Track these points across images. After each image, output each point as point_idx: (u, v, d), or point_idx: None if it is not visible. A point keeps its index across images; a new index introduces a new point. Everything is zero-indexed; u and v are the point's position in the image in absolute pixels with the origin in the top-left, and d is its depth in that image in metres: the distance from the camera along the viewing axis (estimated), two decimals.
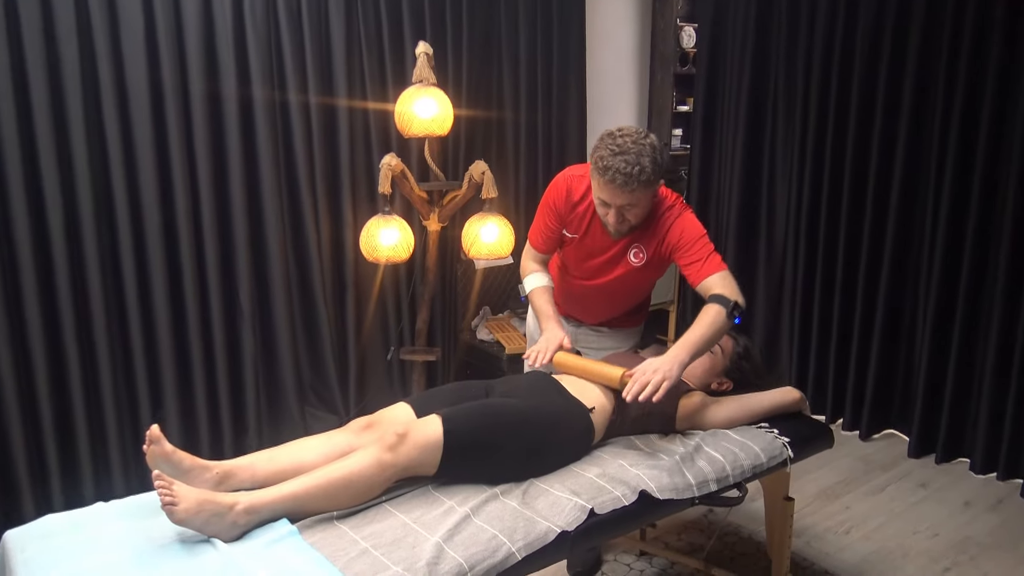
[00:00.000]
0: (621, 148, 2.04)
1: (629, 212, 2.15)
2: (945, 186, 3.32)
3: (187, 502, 1.59)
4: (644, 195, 2.11)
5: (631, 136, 2.06)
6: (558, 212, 2.33)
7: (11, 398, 2.72)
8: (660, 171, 2.09)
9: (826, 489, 3.25)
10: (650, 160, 2.05)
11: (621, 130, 2.09)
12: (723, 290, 2.09)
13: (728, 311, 2.05)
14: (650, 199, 2.17)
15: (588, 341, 2.58)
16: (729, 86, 4.14)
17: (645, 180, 2.05)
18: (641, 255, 2.28)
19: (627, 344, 2.56)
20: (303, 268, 3.45)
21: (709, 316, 2.05)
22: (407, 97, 3.04)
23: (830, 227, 3.77)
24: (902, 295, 3.59)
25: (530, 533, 1.69)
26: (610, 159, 2.04)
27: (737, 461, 2.05)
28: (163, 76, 2.94)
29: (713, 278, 2.13)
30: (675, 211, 2.24)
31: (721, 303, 2.06)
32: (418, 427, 1.82)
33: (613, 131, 2.10)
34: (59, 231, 2.77)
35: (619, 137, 2.07)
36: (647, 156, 2.04)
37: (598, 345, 2.56)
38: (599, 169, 2.08)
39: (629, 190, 2.06)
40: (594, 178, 2.13)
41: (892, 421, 3.75)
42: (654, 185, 2.12)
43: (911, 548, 2.84)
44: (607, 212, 2.16)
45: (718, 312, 2.05)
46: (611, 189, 2.08)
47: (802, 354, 3.97)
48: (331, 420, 3.50)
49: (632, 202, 2.11)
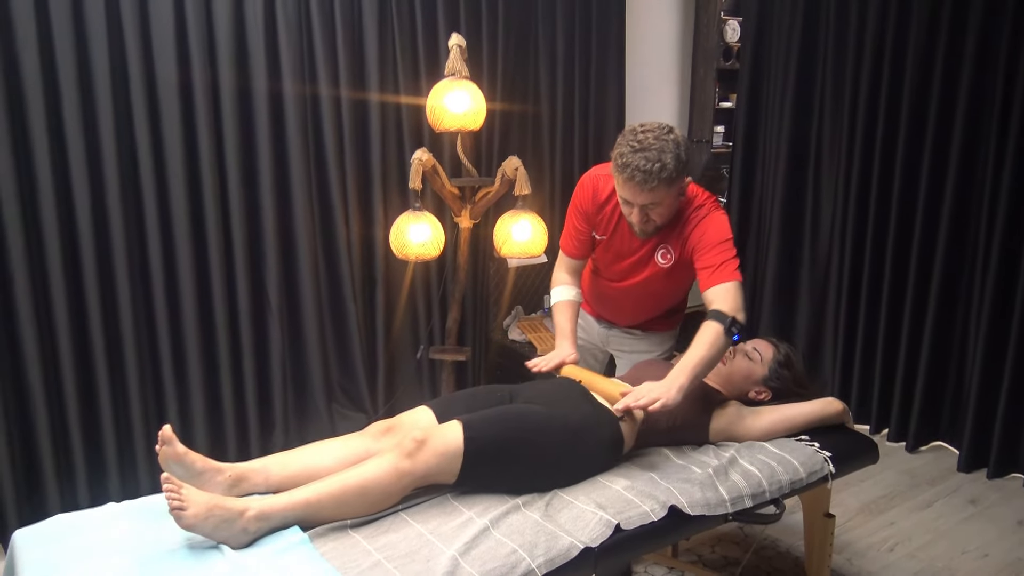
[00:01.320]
0: (642, 144, 1.95)
1: (653, 211, 2.06)
2: (1002, 190, 3.15)
3: (196, 507, 1.54)
4: (667, 193, 2.01)
5: (653, 132, 1.97)
6: (586, 214, 2.25)
7: (38, 393, 2.71)
8: (684, 168, 2.00)
9: (870, 503, 3.11)
10: (673, 157, 1.95)
11: (643, 126, 2.00)
12: (723, 304, 1.97)
13: (726, 328, 1.94)
14: (674, 197, 2.07)
15: (621, 344, 2.49)
16: (774, 82, 4.00)
17: (667, 178, 1.96)
18: (669, 256, 2.18)
19: (661, 348, 2.46)
20: (332, 264, 3.40)
21: (707, 336, 1.93)
22: (439, 90, 2.97)
23: (878, 230, 3.62)
24: (954, 301, 3.43)
25: (552, 548, 1.61)
26: (630, 156, 1.95)
27: (774, 476, 1.94)
28: (193, 71, 2.90)
29: (717, 289, 2.01)
30: (703, 211, 2.14)
31: (718, 320, 1.95)
32: (438, 433, 1.74)
33: (635, 127, 2.01)
34: (87, 228, 2.76)
35: (640, 133, 1.98)
36: (670, 153, 1.95)
37: (631, 348, 2.47)
38: (619, 167, 1.99)
39: (649, 188, 1.97)
40: (615, 176, 2.04)
41: (941, 433, 3.59)
42: (677, 183, 2.02)
43: (959, 569, 2.69)
44: (631, 211, 2.08)
45: (716, 331, 1.93)
46: (632, 187, 1.99)
47: (846, 361, 3.83)
48: (359, 419, 3.46)
49: (654, 200, 2.01)
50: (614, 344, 2.51)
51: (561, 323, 2.28)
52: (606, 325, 2.50)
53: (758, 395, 2.23)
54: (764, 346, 2.26)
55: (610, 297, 2.40)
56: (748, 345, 2.28)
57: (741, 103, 4.18)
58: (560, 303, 2.31)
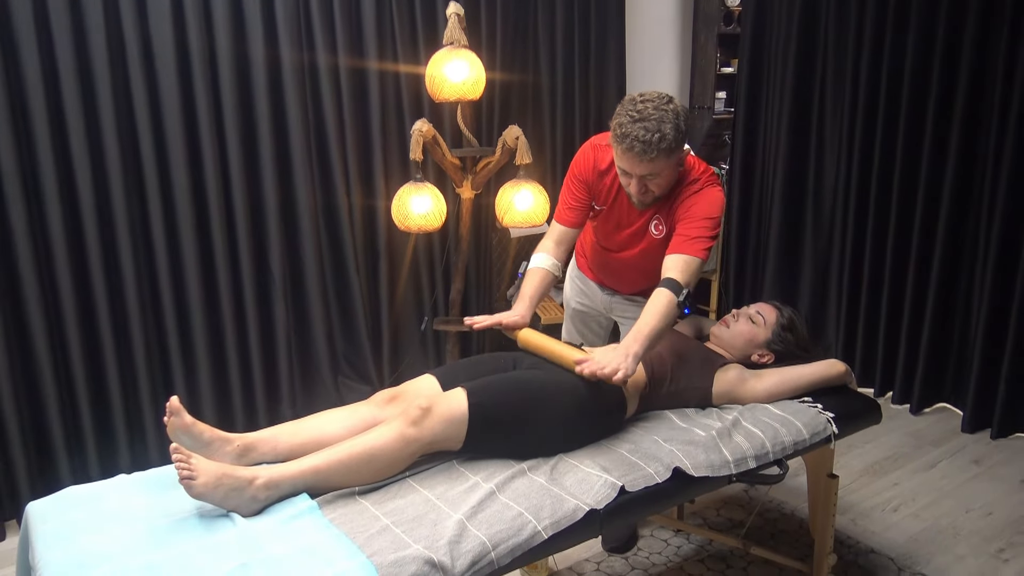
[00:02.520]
0: (642, 115, 1.93)
1: (651, 182, 2.04)
2: (1006, 149, 3.13)
3: (206, 476, 1.56)
4: (666, 164, 1.99)
5: (652, 102, 1.95)
6: (586, 182, 2.24)
7: (46, 369, 2.73)
8: (683, 138, 1.98)
9: (874, 465, 3.14)
10: (672, 127, 1.93)
11: (643, 95, 1.98)
12: (679, 275, 1.98)
13: (680, 300, 1.95)
14: (673, 168, 2.05)
15: (624, 310, 2.50)
16: (776, 46, 3.96)
17: (666, 148, 1.93)
18: (661, 227, 2.18)
19: None
20: (334, 237, 3.41)
21: (660, 305, 1.94)
22: (438, 60, 2.95)
23: (881, 193, 3.60)
24: (958, 262, 3.42)
25: (557, 511, 1.63)
26: (629, 126, 1.93)
27: (777, 437, 1.95)
28: (189, 37, 2.88)
29: (678, 258, 2.01)
30: (697, 185, 2.12)
31: (672, 289, 1.96)
32: (443, 400, 1.76)
33: (635, 96, 1.99)
34: (89, 204, 2.76)
35: (640, 103, 1.96)
36: (669, 123, 1.93)
37: (633, 315, 2.46)
38: (618, 137, 1.97)
39: (649, 159, 1.94)
40: (614, 146, 2.02)
41: (945, 395, 3.60)
42: (676, 153, 2.00)
43: (963, 527, 2.72)
44: (629, 182, 2.06)
45: (670, 301, 1.94)
46: (631, 158, 1.97)
47: (850, 324, 3.83)
48: (364, 390, 3.48)
49: (653, 171, 1.99)
50: (617, 311, 2.52)
51: (524, 287, 2.25)
52: (609, 292, 2.50)
53: (761, 358, 2.23)
54: (767, 310, 2.27)
55: (611, 266, 2.41)
56: (751, 309, 2.28)
57: (743, 68, 4.14)
58: (533, 268, 2.27)
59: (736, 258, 4.31)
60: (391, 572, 1.41)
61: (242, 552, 1.46)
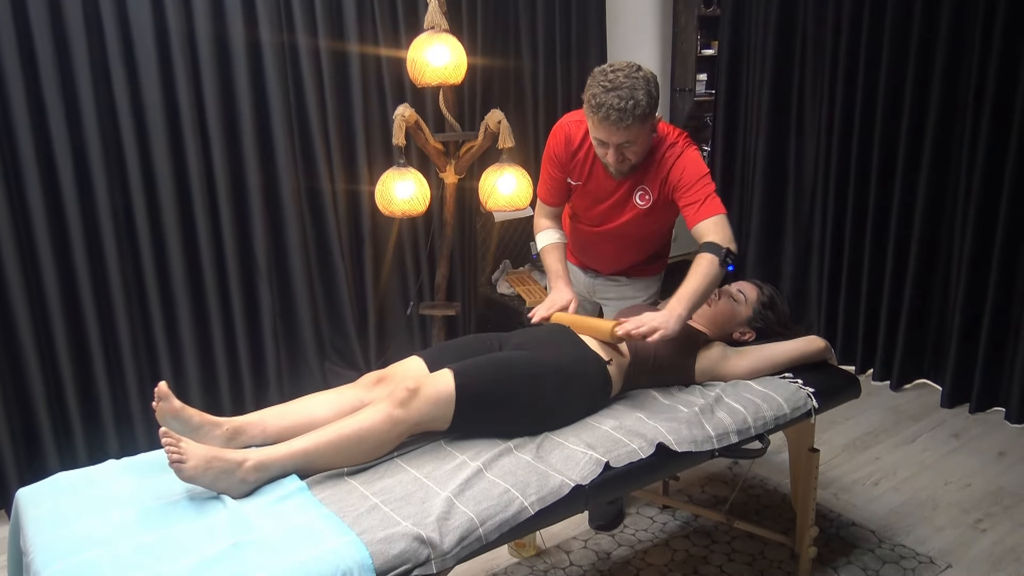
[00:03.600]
0: (614, 84, 1.97)
1: (628, 150, 2.08)
2: (983, 126, 3.17)
3: (195, 459, 1.57)
4: (641, 130, 2.03)
5: (623, 71, 1.99)
6: (560, 161, 2.27)
7: (32, 357, 2.73)
8: (655, 104, 2.02)
9: (855, 440, 3.19)
10: (644, 93, 1.97)
11: (612, 66, 2.02)
12: (716, 236, 2.02)
13: (721, 259, 1.99)
14: (648, 134, 2.09)
15: (606, 291, 2.52)
16: (756, 28, 3.99)
17: (640, 114, 1.98)
18: (647, 197, 2.21)
19: (646, 293, 2.49)
20: (318, 222, 3.41)
21: (703, 267, 1.98)
22: (419, 44, 2.95)
23: (861, 174, 3.64)
24: (936, 240, 3.47)
25: (544, 487, 1.65)
26: (603, 96, 1.97)
27: (759, 412, 1.99)
28: (168, 18, 2.86)
29: (707, 223, 2.05)
30: (677, 148, 2.16)
31: (713, 252, 2.00)
32: (430, 381, 1.77)
33: (604, 67, 2.03)
34: (71, 191, 2.75)
35: (611, 73, 2.00)
36: (641, 90, 1.97)
37: (616, 295, 2.50)
38: (592, 107, 2.00)
39: (624, 126, 1.99)
40: (588, 118, 2.06)
41: (924, 371, 3.66)
42: (650, 119, 2.04)
43: (942, 499, 2.77)
44: (606, 152, 2.09)
45: (711, 262, 1.99)
46: (606, 127, 2.01)
47: (831, 302, 3.88)
48: (351, 376, 3.48)
49: (629, 139, 2.03)
50: (600, 292, 2.54)
51: (553, 265, 2.31)
52: (591, 274, 2.52)
53: (743, 336, 2.27)
54: (748, 288, 2.30)
55: (592, 244, 2.42)
56: (733, 287, 2.31)
57: (723, 50, 4.16)
58: (548, 246, 2.35)
59: None
60: (381, 549, 1.43)
61: (233, 533, 1.48)
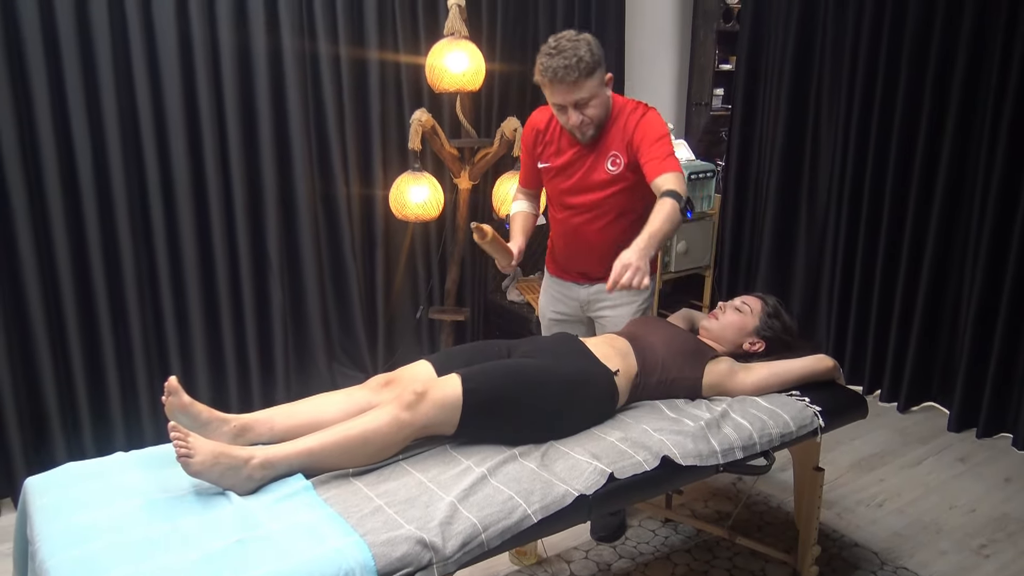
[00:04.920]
0: (557, 49, 2.12)
1: (586, 108, 2.19)
2: (998, 152, 3.17)
3: (203, 454, 1.59)
4: (591, 83, 2.15)
5: (564, 37, 2.15)
6: (532, 150, 2.44)
7: (43, 349, 2.76)
8: (600, 60, 2.16)
9: (861, 461, 3.18)
10: (586, 50, 2.12)
11: (555, 36, 2.17)
12: (675, 186, 2.11)
13: (681, 206, 2.08)
14: (600, 89, 2.20)
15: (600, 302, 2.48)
16: (774, 44, 3.99)
17: (585, 68, 2.11)
18: (618, 162, 2.30)
19: (640, 298, 2.47)
20: (332, 224, 3.43)
21: (666, 209, 2.07)
22: (438, 50, 2.97)
23: (875, 193, 3.63)
24: (948, 264, 3.46)
25: (547, 496, 1.66)
26: (549, 61, 2.12)
27: (765, 429, 1.99)
28: (192, 27, 2.90)
29: (667, 176, 2.15)
30: (639, 112, 2.29)
31: (675, 198, 2.08)
32: (437, 386, 1.78)
33: (548, 40, 2.18)
34: (90, 188, 2.78)
35: (553, 42, 2.15)
36: (583, 48, 2.12)
37: (610, 304, 2.48)
38: (543, 73, 2.14)
39: (572, 80, 2.11)
40: (544, 89, 2.19)
41: (933, 394, 3.64)
42: (597, 73, 2.16)
43: (946, 523, 2.76)
44: (567, 117, 2.21)
45: (673, 206, 2.07)
46: (559, 88, 2.14)
47: (841, 323, 3.87)
48: (359, 378, 3.50)
49: (582, 95, 2.15)
50: (594, 305, 2.51)
51: (515, 227, 2.51)
52: (586, 285, 2.52)
53: (752, 346, 2.27)
54: (753, 300, 2.32)
55: (575, 234, 2.45)
56: (737, 300, 2.33)
57: (741, 66, 4.17)
58: (516, 213, 2.55)
59: (730, 254, 4.35)
60: (383, 551, 1.44)
61: (238, 529, 1.49)
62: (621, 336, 2.17)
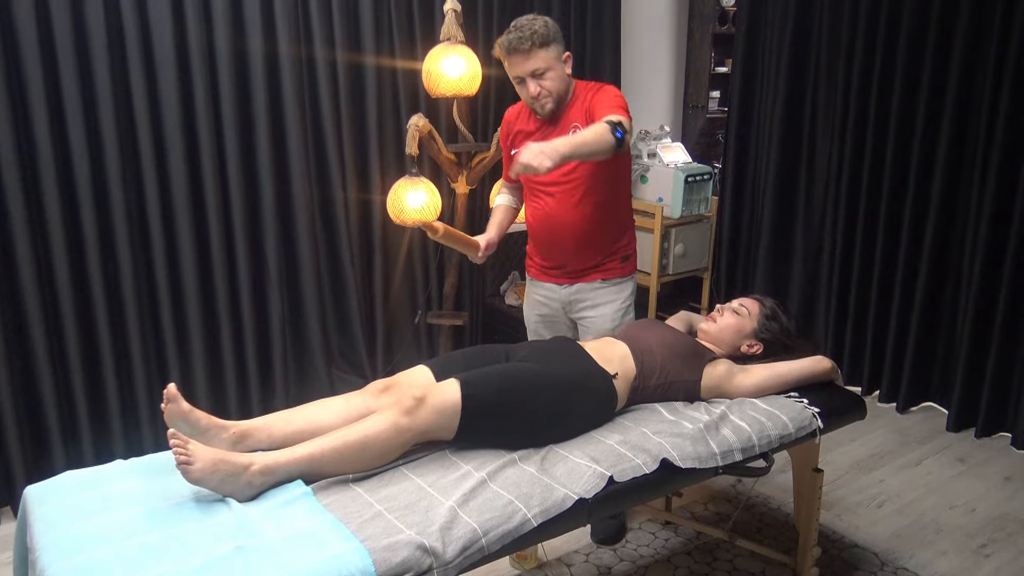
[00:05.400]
0: (515, 27, 2.31)
1: (543, 80, 2.31)
2: (994, 152, 3.17)
3: (202, 461, 1.59)
4: (544, 54, 2.29)
5: (523, 18, 2.33)
6: (507, 142, 2.57)
7: (42, 357, 2.76)
8: (555, 35, 2.32)
9: (860, 462, 3.18)
10: (542, 24, 2.30)
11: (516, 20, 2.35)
12: (616, 117, 2.18)
13: (612, 127, 2.13)
14: (555, 61, 2.32)
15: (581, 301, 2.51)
16: (770, 46, 4.00)
17: (539, 40, 2.27)
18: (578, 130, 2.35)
19: (620, 297, 2.49)
20: (330, 230, 3.43)
21: (596, 128, 2.15)
22: (434, 55, 2.98)
23: (872, 193, 3.64)
24: (945, 263, 3.47)
25: (547, 500, 1.66)
26: (507, 38, 2.30)
27: (764, 430, 1.99)
28: (188, 31, 2.90)
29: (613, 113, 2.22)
30: (596, 87, 2.40)
31: (608, 122, 2.15)
32: (436, 391, 1.79)
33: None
34: (87, 194, 2.78)
35: (513, 24, 2.33)
36: (539, 23, 2.30)
37: (590, 303, 2.49)
38: (503, 49, 2.31)
39: (526, 49, 2.27)
40: (504, 62, 2.34)
41: (931, 394, 3.65)
42: (552, 46, 2.30)
43: (946, 523, 2.76)
44: (527, 89, 2.33)
45: (604, 127, 2.13)
46: (516, 59, 2.30)
47: (839, 323, 3.88)
48: (358, 383, 3.49)
49: (539, 66, 2.29)
50: (576, 305, 2.53)
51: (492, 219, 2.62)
52: (567, 285, 2.53)
53: (750, 348, 2.28)
54: (750, 302, 2.32)
55: (549, 220, 2.47)
56: (734, 303, 2.33)
57: (737, 68, 4.18)
58: (497, 206, 2.66)
59: (727, 256, 4.35)
60: (384, 556, 1.44)
61: (238, 535, 1.49)
62: (619, 339, 2.17)
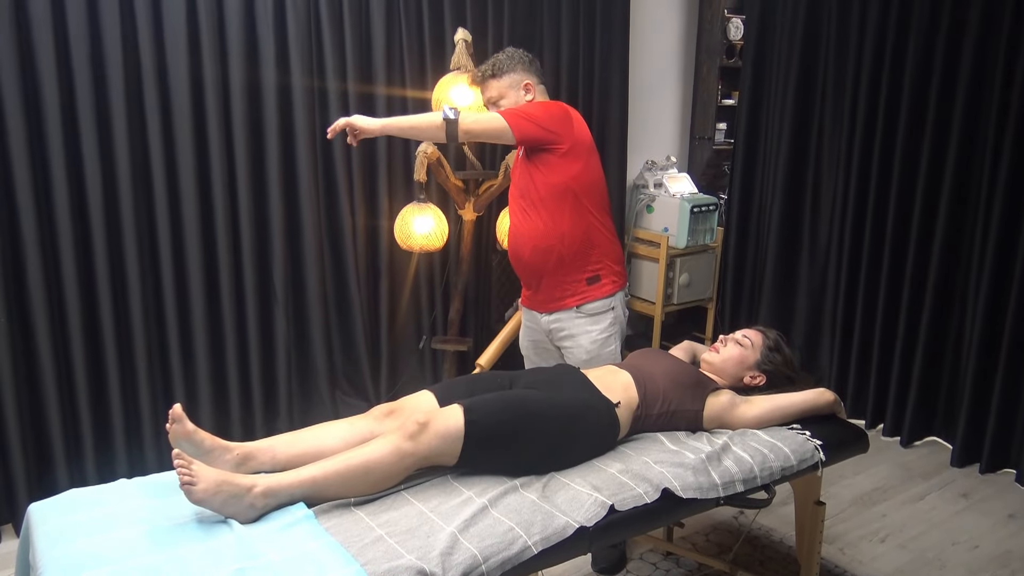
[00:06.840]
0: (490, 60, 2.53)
1: (498, 107, 2.48)
2: (999, 185, 3.19)
3: (206, 482, 1.60)
4: (499, 84, 2.50)
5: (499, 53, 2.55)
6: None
7: (48, 375, 2.77)
8: (511, 64, 2.49)
9: (863, 496, 3.16)
10: (505, 56, 2.50)
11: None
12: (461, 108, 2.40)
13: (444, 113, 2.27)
14: (508, 89, 2.50)
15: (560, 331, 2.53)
16: (776, 80, 4.04)
17: (492, 70, 2.49)
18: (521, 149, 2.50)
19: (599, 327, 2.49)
20: (337, 254, 3.45)
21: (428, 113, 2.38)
22: (444, 84, 3.02)
23: (876, 226, 3.66)
24: (950, 297, 3.47)
25: (548, 527, 1.66)
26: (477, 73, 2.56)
27: (766, 462, 1.99)
28: (204, 64, 2.95)
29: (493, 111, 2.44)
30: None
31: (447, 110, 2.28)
32: (440, 416, 1.80)
33: None
34: (99, 217, 2.81)
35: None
36: (503, 55, 2.51)
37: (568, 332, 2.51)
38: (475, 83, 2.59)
39: (479, 80, 2.55)
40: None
41: (935, 428, 3.63)
42: (506, 76, 2.49)
43: (949, 559, 2.75)
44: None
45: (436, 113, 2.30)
46: (480, 89, 2.58)
47: (843, 358, 3.88)
48: (362, 407, 3.49)
49: (492, 94, 2.52)
50: (556, 334, 2.56)
51: None
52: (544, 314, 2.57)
53: (753, 379, 2.28)
54: (753, 334, 2.33)
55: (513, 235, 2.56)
56: (737, 334, 2.34)
57: (743, 100, 4.22)
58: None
59: (732, 287, 4.36)
60: None
61: (239, 557, 1.50)
62: (623, 367, 2.18)
